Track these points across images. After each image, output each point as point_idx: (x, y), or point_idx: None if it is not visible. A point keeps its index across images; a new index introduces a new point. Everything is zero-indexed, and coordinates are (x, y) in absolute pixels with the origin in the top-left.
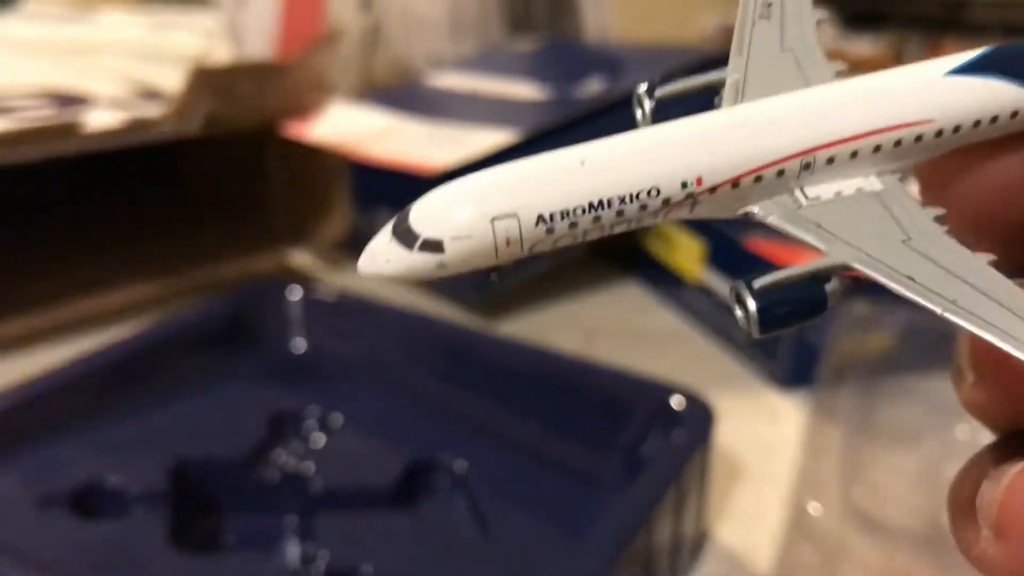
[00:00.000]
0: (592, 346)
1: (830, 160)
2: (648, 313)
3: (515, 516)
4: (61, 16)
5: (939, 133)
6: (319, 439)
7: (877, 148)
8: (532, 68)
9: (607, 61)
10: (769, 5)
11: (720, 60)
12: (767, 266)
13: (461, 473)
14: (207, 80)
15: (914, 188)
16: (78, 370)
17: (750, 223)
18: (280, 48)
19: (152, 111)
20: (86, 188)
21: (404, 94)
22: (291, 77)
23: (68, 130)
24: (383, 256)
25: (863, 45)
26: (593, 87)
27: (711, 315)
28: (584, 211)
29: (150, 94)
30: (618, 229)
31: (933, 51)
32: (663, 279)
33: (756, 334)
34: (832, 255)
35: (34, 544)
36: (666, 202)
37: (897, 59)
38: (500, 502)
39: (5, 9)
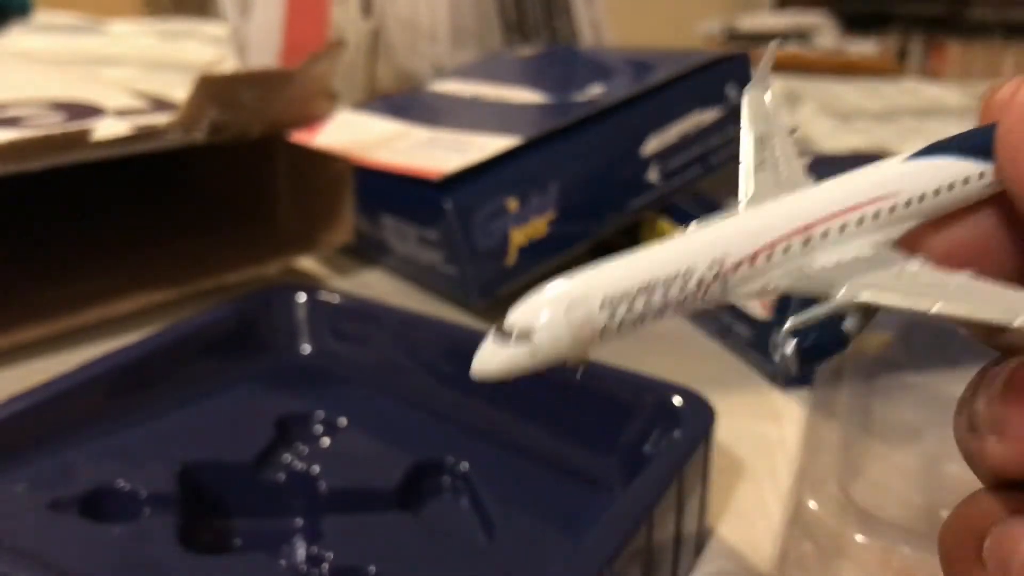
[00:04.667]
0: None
1: (824, 234)
2: None
3: (518, 516)
4: (72, 27)
5: (908, 203)
6: (325, 442)
7: (861, 221)
8: (533, 74)
9: (607, 66)
10: (762, 162)
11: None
12: None
13: (465, 474)
14: (212, 89)
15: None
16: (87, 375)
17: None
18: (284, 57)
19: (160, 121)
20: (94, 197)
21: (407, 100)
22: (296, 85)
23: (75, 139)
24: (488, 355)
25: (866, 46)
26: (594, 92)
27: (712, 314)
28: (638, 291)
29: (160, 104)
30: (670, 310)
31: (935, 51)
32: None
33: (795, 371)
34: (843, 295)
35: (45, 547)
36: (700, 282)
37: (899, 59)
38: (503, 503)
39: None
